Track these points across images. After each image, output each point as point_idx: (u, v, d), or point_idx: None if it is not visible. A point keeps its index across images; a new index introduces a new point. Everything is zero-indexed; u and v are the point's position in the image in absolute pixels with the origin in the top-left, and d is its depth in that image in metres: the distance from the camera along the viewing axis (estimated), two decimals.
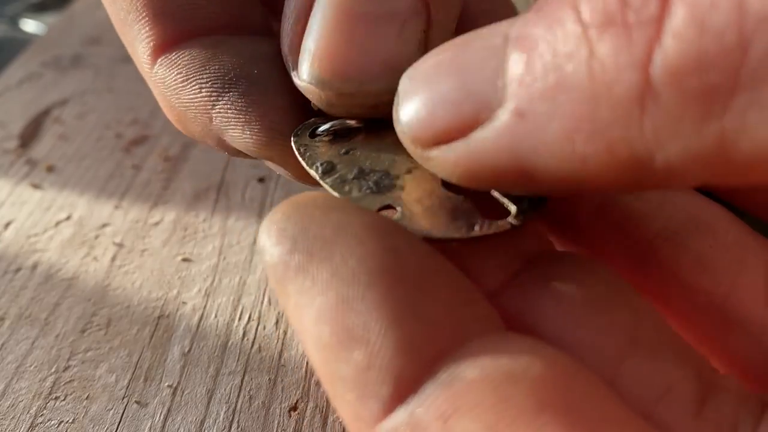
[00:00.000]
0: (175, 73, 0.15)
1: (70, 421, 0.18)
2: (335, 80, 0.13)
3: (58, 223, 0.25)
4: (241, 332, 0.20)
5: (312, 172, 0.13)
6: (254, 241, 0.24)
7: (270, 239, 0.10)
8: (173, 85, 0.15)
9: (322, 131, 0.14)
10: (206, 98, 0.14)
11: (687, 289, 0.14)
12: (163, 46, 0.15)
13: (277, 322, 0.21)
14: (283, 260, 0.10)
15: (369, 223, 0.10)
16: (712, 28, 0.08)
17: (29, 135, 0.30)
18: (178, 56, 0.15)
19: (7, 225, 0.25)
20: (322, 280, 0.10)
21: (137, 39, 0.15)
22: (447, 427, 0.09)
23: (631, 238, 0.14)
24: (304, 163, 0.13)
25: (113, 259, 0.23)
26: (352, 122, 0.14)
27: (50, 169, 0.28)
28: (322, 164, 0.13)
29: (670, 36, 0.08)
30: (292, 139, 0.14)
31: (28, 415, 0.18)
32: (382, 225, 0.11)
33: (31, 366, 0.19)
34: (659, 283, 0.14)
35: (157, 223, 0.25)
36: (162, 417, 0.18)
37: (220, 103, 0.14)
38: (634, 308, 0.12)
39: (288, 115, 0.14)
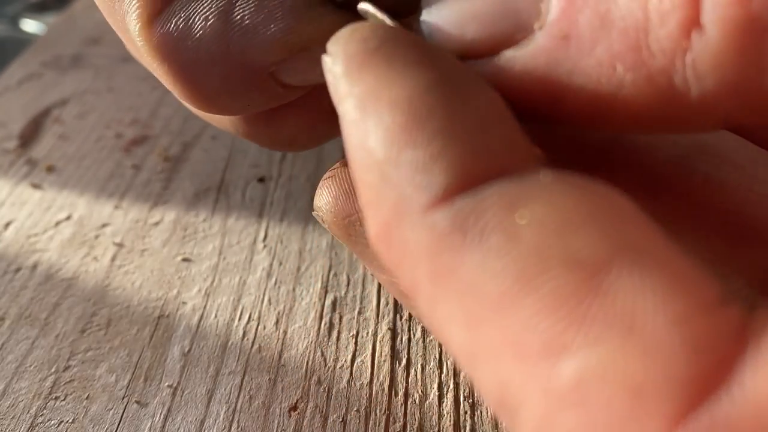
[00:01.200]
0: (174, 23, 0.14)
1: (70, 421, 0.18)
2: None
3: (58, 223, 0.25)
4: (241, 332, 0.20)
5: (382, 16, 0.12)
6: (254, 241, 0.24)
7: (354, 35, 0.10)
8: (178, 36, 0.14)
9: None
10: (216, 22, 0.14)
11: (700, 208, 0.13)
12: (155, 11, 0.14)
13: (277, 322, 0.21)
14: (366, 48, 0.10)
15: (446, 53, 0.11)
16: None
17: (29, 135, 0.30)
18: (171, 10, 0.14)
19: (7, 225, 0.25)
20: (405, 76, 0.10)
21: (127, 14, 0.14)
22: (513, 211, 0.09)
23: (640, 167, 0.14)
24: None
25: (113, 259, 0.23)
26: None
27: (50, 169, 0.28)
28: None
29: None
30: None
31: (28, 415, 0.18)
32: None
33: (31, 366, 0.19)
34: (673, 206, 0.14)
35: (157, 223, 0.25)
36: (162, 417, 0.18)
37: (233, 15, 0.14)
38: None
39: None
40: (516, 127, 0.10)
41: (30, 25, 0.45)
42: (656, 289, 0.08)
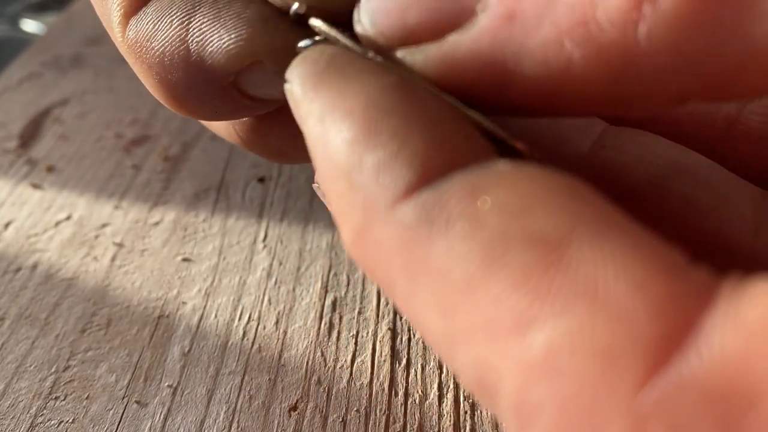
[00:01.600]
0: (145, 23, 0.15)
1: (70, 421, 0.18)
2: None
3: (58, 223, 0.25)
4: (241, 332, 0.20)
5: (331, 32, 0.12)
6: (254, 241, 0.24)
7: (305, 60, 0.11)
8: (146, 36, 0.15)
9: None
10: (178, 27, 0.14)
11: (676, 228, 0.14)
12: (133, 8, 0.15)
13: (277, 322, 0.21)
14: (317, 67, 0.11)
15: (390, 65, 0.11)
16: None
17: (29, 135, 0.30)
18: (145, 10, 0.15)
19: (7, 225, 0.25)
20: (356, 87, 0.10)
21: (111, 11, 0.15)
22: (474, 198, 0.09)
23: (613, 189, 0.14)
24: (326, 28, 0.12)
25: (113, 259, 0.23)
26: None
27: (50, 169, 0.28)
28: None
29: None
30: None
31: (28, 415, 0.18)
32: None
33: (31, 366, 0.19)
34: (647, 227, 0.14)
35: (157, 223, 0.25)
36: (162, 417, 0.18)
37: (194, 22, 0.14)
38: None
39: (266, 8, 0.14)
40: (468, 124, 0.10)
41: (30, 25, 0.45)
42: (617, 257, 0.08)
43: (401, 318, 0.20)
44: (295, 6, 0.13)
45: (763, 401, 0.07)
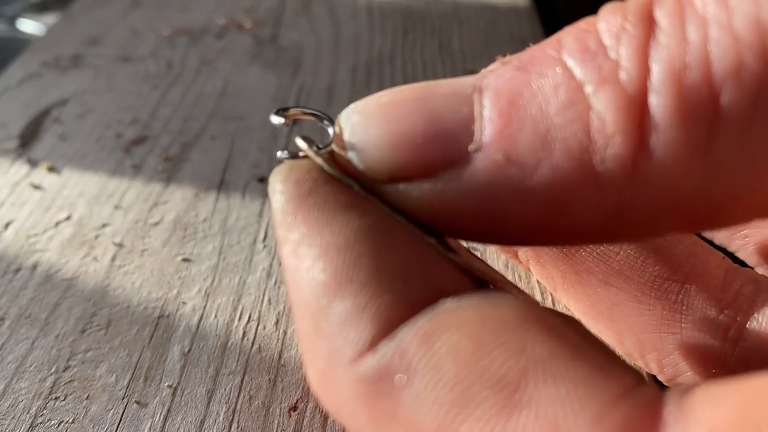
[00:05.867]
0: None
1: (70, 421, 0.18)
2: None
3: (58, 223, 0.25)
4: (241, 332, 0.20)
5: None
6: (254, 241, 0.24)
7: (290, 176, 0.11)
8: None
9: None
10: None
11: (647, 275, 0.15)
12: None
13: (277, 322, 0.21)
14: (300, 193, 0.10)
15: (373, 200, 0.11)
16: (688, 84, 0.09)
17: (29, 135, 0.30)
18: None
19: (7, 225, 0.25)
20: (334, 226, 0.10)
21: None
22: (430, 345, 0.09)
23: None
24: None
25: (113, 259, 0.23)
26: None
27: (50, 169, 0.28)
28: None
29: (655, 93, 0.09)
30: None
31: (28, 415, 0.18)
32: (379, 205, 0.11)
33: (31, 366, 0.19)
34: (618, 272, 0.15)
35: (157, 223, 0.25)
36: (162, 417, 0.18)
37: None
38: None
39: None
40: (445, 262, 0.10)
41: (29, 25, 0.45)
42: (571, 392, 0.08)
43: None
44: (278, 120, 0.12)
45: None
